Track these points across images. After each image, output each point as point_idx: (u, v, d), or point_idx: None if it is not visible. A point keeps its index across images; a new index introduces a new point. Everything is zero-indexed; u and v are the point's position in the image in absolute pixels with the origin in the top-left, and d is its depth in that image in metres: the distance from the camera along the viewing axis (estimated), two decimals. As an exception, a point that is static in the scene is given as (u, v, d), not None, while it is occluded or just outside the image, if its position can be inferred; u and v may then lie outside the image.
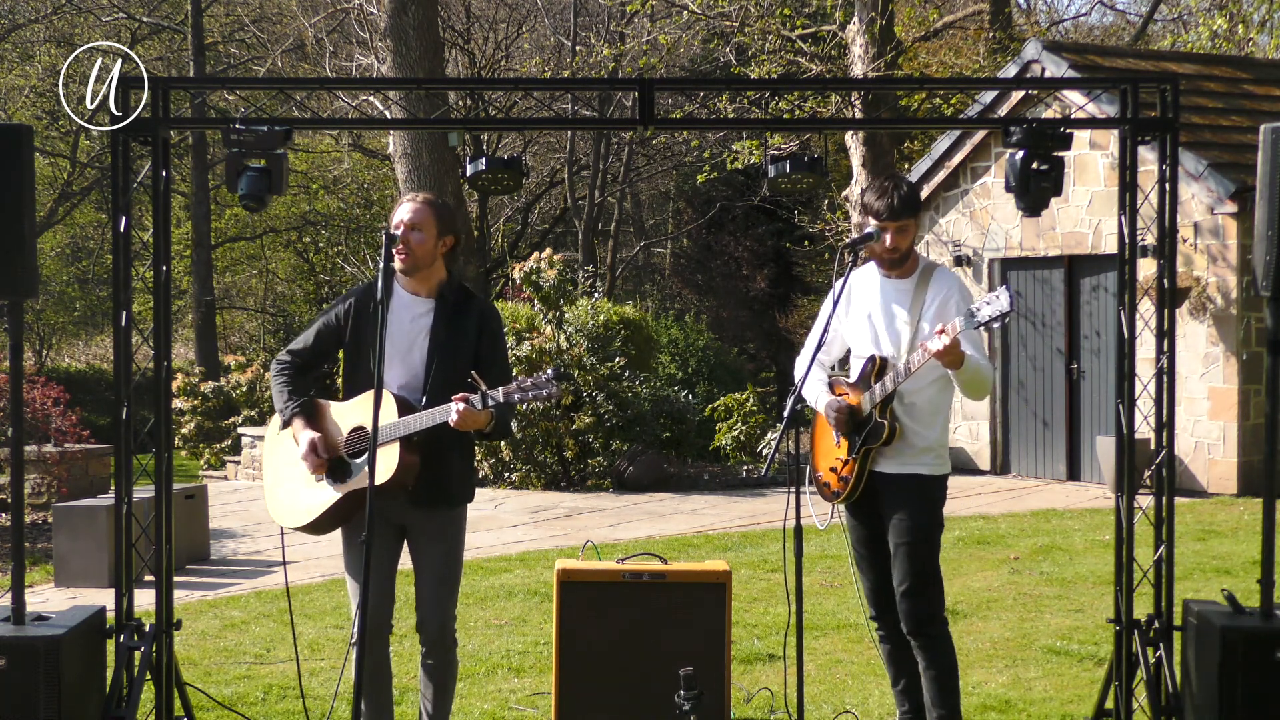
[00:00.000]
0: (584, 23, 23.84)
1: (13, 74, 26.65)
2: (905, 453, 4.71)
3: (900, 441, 4.69)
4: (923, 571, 4.70)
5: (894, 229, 4.69)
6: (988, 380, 4.63)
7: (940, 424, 4.78)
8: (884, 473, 4.74)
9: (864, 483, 4.76)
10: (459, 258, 4.74)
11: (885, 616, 4.91)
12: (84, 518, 8.91)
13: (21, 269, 4.29)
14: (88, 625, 4.47)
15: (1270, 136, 4.33)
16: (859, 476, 4.75)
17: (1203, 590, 7.80)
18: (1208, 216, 12.66)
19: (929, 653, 4.74)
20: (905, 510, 4.71)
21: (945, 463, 4.81)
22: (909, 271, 4.81)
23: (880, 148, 17.08)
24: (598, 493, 13.26)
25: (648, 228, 29.37)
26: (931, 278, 4.78)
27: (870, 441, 4.70)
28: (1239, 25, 19.00)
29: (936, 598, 4.76)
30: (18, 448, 4.62)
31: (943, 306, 4.69)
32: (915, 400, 4.71)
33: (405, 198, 4.63)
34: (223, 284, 30.61)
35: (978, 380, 4.59)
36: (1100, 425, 13.33)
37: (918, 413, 4.72)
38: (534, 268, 14.06)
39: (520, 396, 4.23)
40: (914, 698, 4.90)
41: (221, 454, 17.43)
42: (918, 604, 4.71)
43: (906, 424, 4.69)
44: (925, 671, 4.77)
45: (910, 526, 4.70)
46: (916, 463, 4.72)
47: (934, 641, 4.74)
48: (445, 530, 4.59)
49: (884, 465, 4.74)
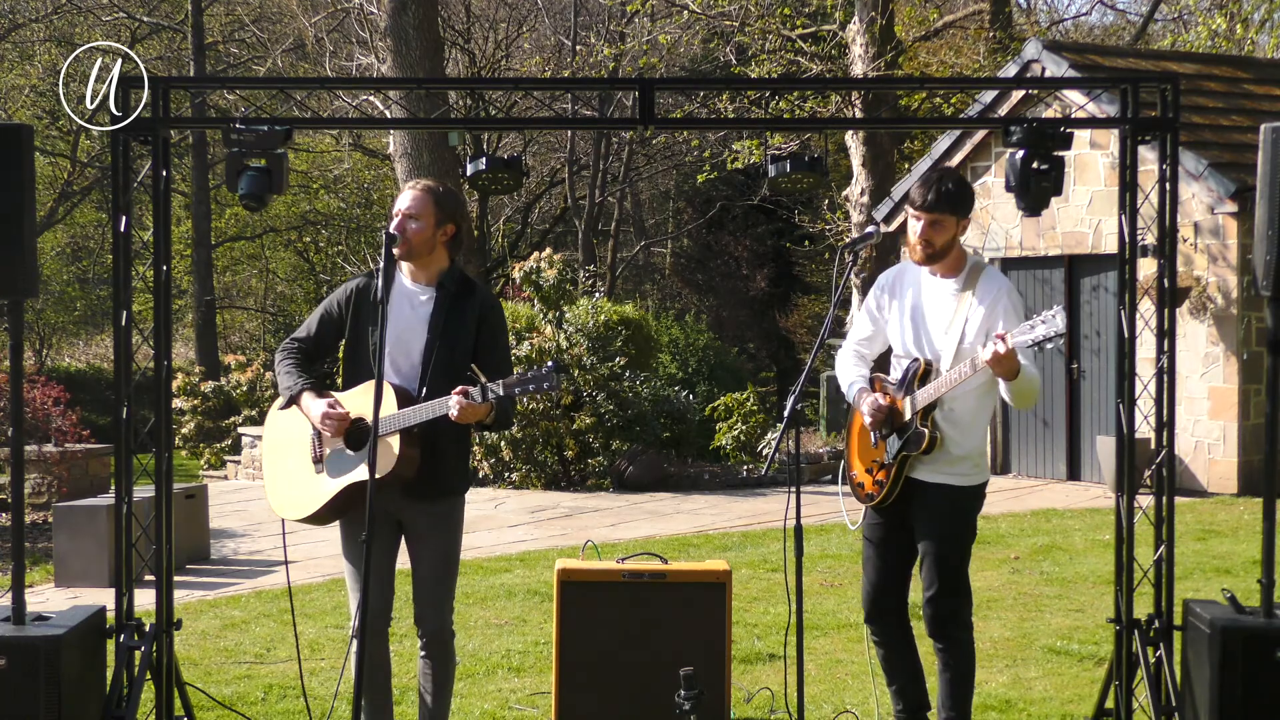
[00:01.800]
0: (584, 22, 23.83)
1: (13, 74, 26.65)
2: (941, 460, 4.61)
3: (939, 451, 4.59)
4: (952, 579, 4.63)
5: (926, 220, 4.56)
6: (1037, 390, 4.50)
7: (979, 432, 4.68)
8: (919, 480, 4.64)
9: (900, 489, 4.67)
10: (461, 245, 4.71)
11: (881, 620, 4.85)
12: (84, 518, 8.91)
13: (21, 269, 4.29)
14: (88, 625, 4.47)
15: (1270, 136, 4.33)
16: (894, 482, 4.65)
17: (1203, 590, 7.80)
18: (1208, 216, 12.66)
19: (949, 656, 4.70)
20: (937, 519, 4.63)
21: (982, 471, 4.72)
22: (954, 270, 4.67)
23: (880, 148, 17.08)
24: (598, 492, 13.26)
25: (648, 227, 29.37)
26: (979, 280, 4.64)
27: (910, 448, 4.60)
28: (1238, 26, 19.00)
29: (963, 606, 4.70)
30: (18, 448, 4.62)
31: (990, 312, 4.55)
32: (955, 407, 4.61)
33: (407, 185, 4.61)
34: (223, 284, 30.61)
35: (1029, 390, 4.45)
36: (1100, 425, 13.33)
37: (957, 419, 4.61)
38: (534, 267, 14.06)
39: (520, 389, 4.21)
40: (909, 698, 4.86)
41: (221, 454, 17.44)
42: (943, 610, 4.65)
43: (946, 431, 4.59)
44: (941, 673, 4.72)
45: (941, 535, 4.63)
46: (952, 471, 4.63)
47: (956, 645, 4.69)
48: (442, 523, 4.58)
49: (920, 473, 4.63)
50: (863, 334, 4.94)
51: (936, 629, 4.69)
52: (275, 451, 4.70)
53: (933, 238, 4.59)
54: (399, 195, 4.60)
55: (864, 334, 4.93)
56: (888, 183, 16.47)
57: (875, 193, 16.50)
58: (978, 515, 4.75)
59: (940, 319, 4.66)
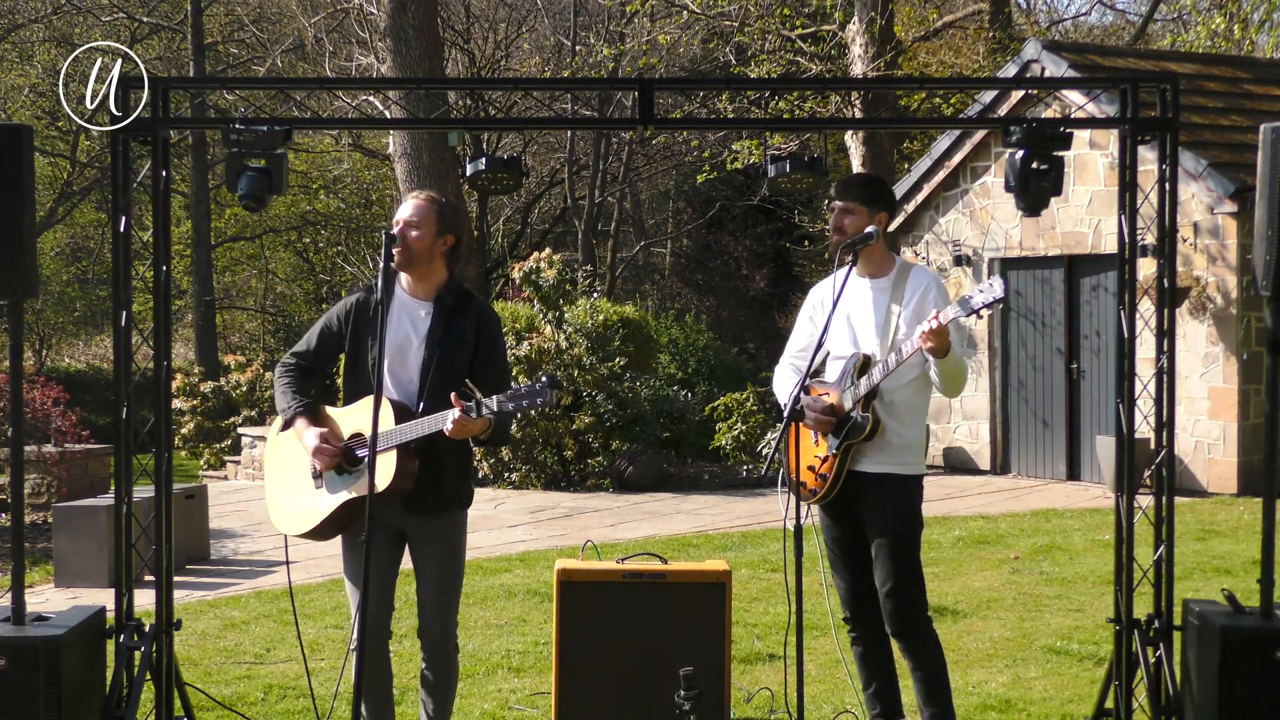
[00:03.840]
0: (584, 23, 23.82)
1: (13, 74, 26.65)
2: (884, 451, 4.71)
3: (880, 439, 4.69)
4: (905, 570, 4.70)
5: (838, 209, 4.78)
6: (964, 373, 4.68)
7: (918, 423, 4.81)
8: (863, 472, 4.73)
9: (842, 482, 4.74)
10: (460, 259, 4.72)
11: (859, 619, 4.92)
12: (84, 518, 8.91)
13: (21, 269, 4.29)
14: (88, 625, 4.47)
15: (1270, 136, 4.33)
16: (838, 475, 4.73)
17: (1203, 590, 7.80)
18: (1207, 216, 12.66)
19: (916, 654, 4.75)
20: (885, 509, 4.72)
21: (921, 463, 4.84)
22: (885, 271, 4.84)
23: (880, 147, 17.09)
24: (598, 493, 13.26)
25: (648, 228, 29.36)
26: (909, 276, 4.82)
27: (852, 437, 4.69)
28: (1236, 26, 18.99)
29: (919, 597, 4.76)
30: (18, 448, 4.62)
31: (921, 302, 4.72)
32: (895, 399, 4.72)
33: (409, 195, 4.62)
34: (223, 284, 30.61)
35: (957, 372, 4.62)
36: (1100, 425, 13.33)
37: (897, 411, 4.72)
38: (533, 267, 14.06)
39: (515, 407, 4.19)
40: (884, 700, 4.91)
41: (221, 454, 17.43)
42: (901, 603, 4.71)
43: (886, 422, 4.70)
44: (914, 673, 4.77)
45: (891, 526, 4.71)
46: (895, 462, 4.72)
47: (920, 643, 4.75)
48: (445, 536, 4.57)
49: (863, 464, 4.73)
50: (799, 346, 5.04)
51: (898, 625, 4.74)
52: (276, 469, 4.72)
53: (840, 223, 4.79)
54: (401, 203, 4.60)
55: (801, 345, 5.04)
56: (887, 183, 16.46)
57: (875, 193, 16.48)
58: (920, 505, 4.84)
59: (872, 318, 4.79)
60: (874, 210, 4.79)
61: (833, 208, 4.84)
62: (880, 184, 4.95)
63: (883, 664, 4.93)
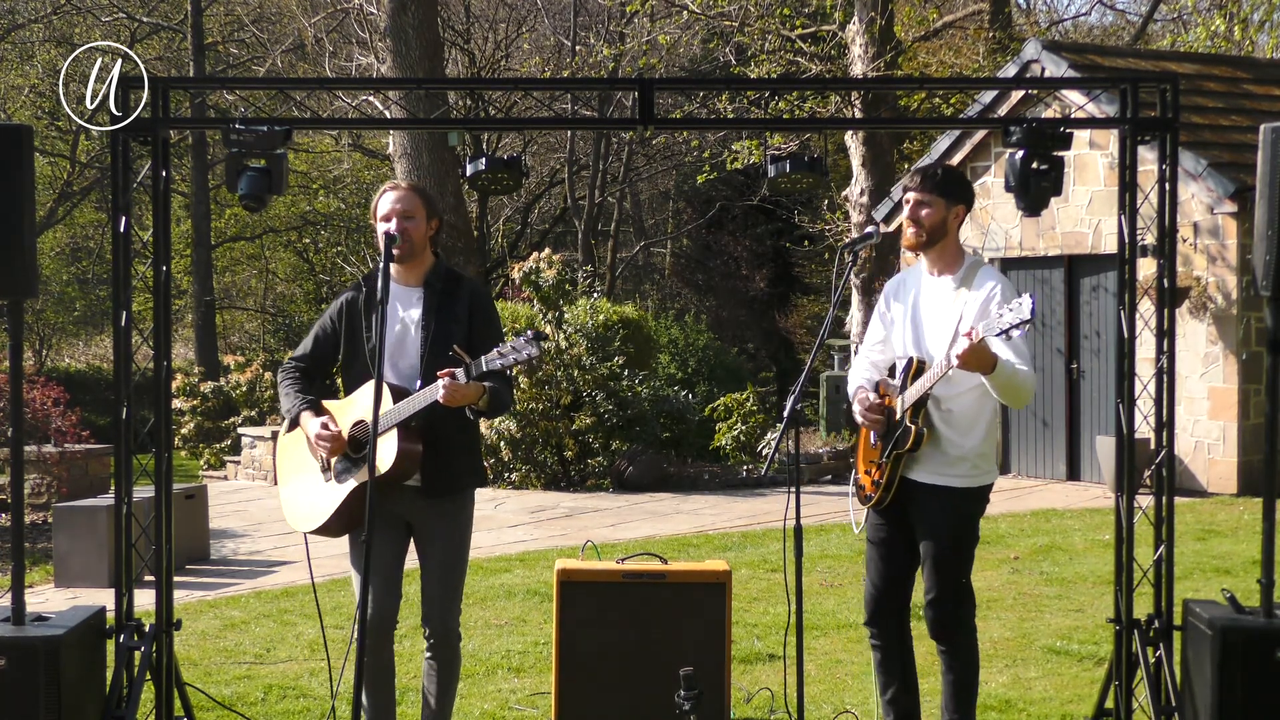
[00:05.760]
0: (584, 23, 23.83)
1: (13, 74, 26.65)
2: (938, 461, 4.58)
3: (932, 449, 4.55)
4: (950, 582, 4.61)
5: (914, 200, 4.64)
6: (1027, 387, 4.40)
7: (980, 433, 4.61)
8: (916, 481, 4.61)
9: (895, 489, 4.63)
10: (442, 240, 4.76)
11: (881, 623, 4.80)
12: (84, 518, 8.91)
13: (21, 269, 4.29)
14: (88, 625, 4.47)
15: (1270, 136, 4.33)
16: (889, 483, 4.62)
17: (1203, 590, 7.80)
18: (1207, 216, 12.66)
19: (952, 658, 4.67)
20: (936, 522, 4.60)
21: (984, 473, 4.65)
22: (952, 268, 4.68)
23: (880, 148, 17.07)
24: (598, 493, 13.26)
25: (648, 228, 29.36)
26: (975, 277, 4.63)
27: (898, 446, 4.57)
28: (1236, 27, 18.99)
29: (962, 609, 4.67)
30: (18, 448, 4.62)
31: (984, 308, 4.48)
32: (953, 407, 4.57)
33: (386, 186, 4.62)
34: (223, 284, 30.61)
35: (1013, 386, 4.37)
36: (1100, 425, 13.33)
37: (955, 420, 4.57)
38: (533, 267, 14.05)
39: (502, 362, 4.23)
40: (900, 707, 4.81)
41: (221, 454, 17.42)
42: (942, 614, 4.63)
43: (942, 431, 4.56)
44: (945, 674, 4.70)
45: (940, 538, 4.60)
46: (950, 473, 4.58)
47: (959, 648, 4.67)
48: (452, 521, 4.58)
49: (916, 474, 4.60)
50: (875, 339, 4.93)
51: (939, 632, 4.67)
52: (288, 468, 4.75)
53: (919, 217, 4.64)
54: (381, 196, 4.59)
55: (876, 339, 4.93)
56: (887, 183, 16.46)
57: (875, 193, 16.49)
58: (980, 518, 4.72)
59: (938, 317, 4.65)
60: (952, 203, 4.64)
61: (907, 199, 4.68)
62: (959, 175, 4.80)
63: (902, 674, 4.81)
